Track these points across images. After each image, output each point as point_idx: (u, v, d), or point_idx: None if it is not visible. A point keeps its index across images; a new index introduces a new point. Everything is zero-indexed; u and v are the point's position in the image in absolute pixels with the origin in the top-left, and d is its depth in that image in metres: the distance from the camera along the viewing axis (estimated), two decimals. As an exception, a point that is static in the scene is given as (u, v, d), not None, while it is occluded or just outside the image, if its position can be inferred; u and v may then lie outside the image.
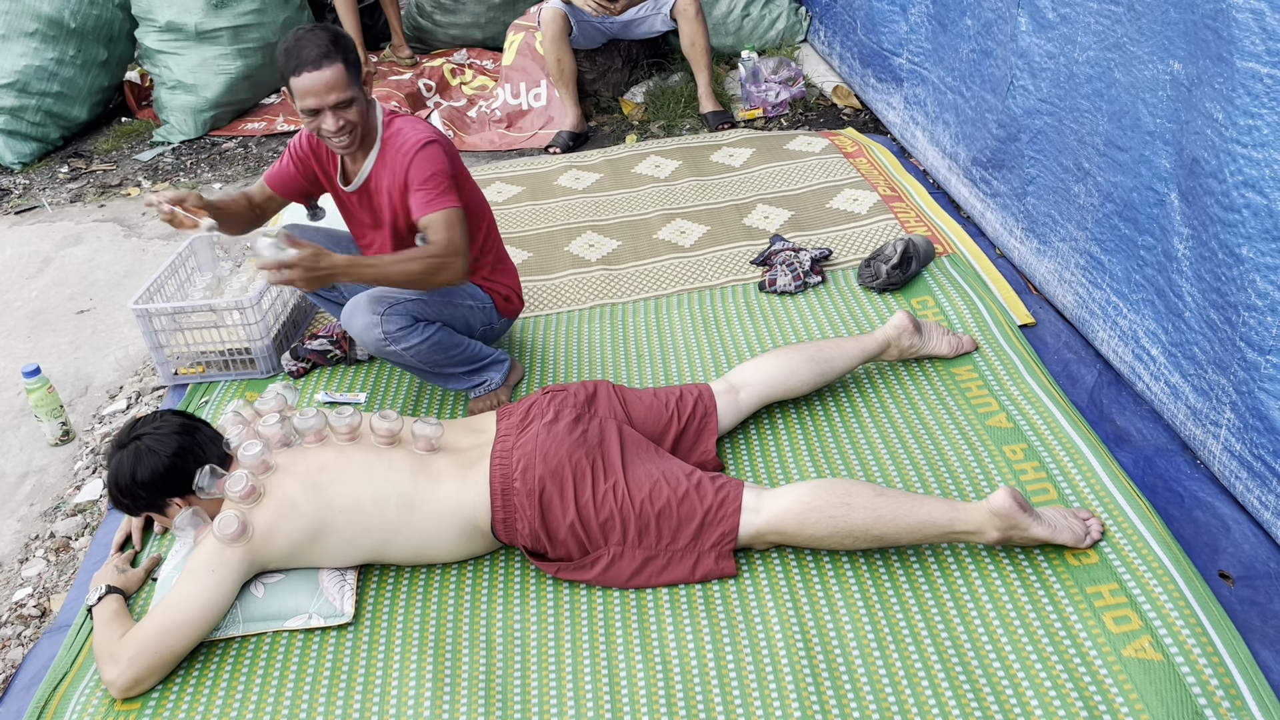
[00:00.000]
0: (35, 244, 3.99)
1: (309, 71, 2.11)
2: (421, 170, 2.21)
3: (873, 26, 3.87)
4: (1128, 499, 1.97)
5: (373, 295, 2.27)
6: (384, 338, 2.25)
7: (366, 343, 2.28)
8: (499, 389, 2.50)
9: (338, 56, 2.12)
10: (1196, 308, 2.02)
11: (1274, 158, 1.70)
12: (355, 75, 2.17)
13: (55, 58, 4.71)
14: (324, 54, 2.10)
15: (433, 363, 2.35)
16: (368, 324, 2.24)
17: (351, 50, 2.16)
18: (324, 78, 2.11)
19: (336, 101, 2.13)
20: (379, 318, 2.24)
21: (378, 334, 2.24)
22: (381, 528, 1.92)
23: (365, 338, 2.26)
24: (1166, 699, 1.59)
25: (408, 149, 2.23)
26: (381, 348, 2.27)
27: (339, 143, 2.21)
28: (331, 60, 2.11)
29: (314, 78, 2.11)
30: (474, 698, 1.75)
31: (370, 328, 2.24)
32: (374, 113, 2.28)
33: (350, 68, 2.15)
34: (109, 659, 1.79)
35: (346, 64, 2.14)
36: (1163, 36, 2.03)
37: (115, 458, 1.94)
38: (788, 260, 2.92)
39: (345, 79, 2.14)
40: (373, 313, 2.24)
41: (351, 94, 2.15)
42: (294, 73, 2.12)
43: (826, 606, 1.84)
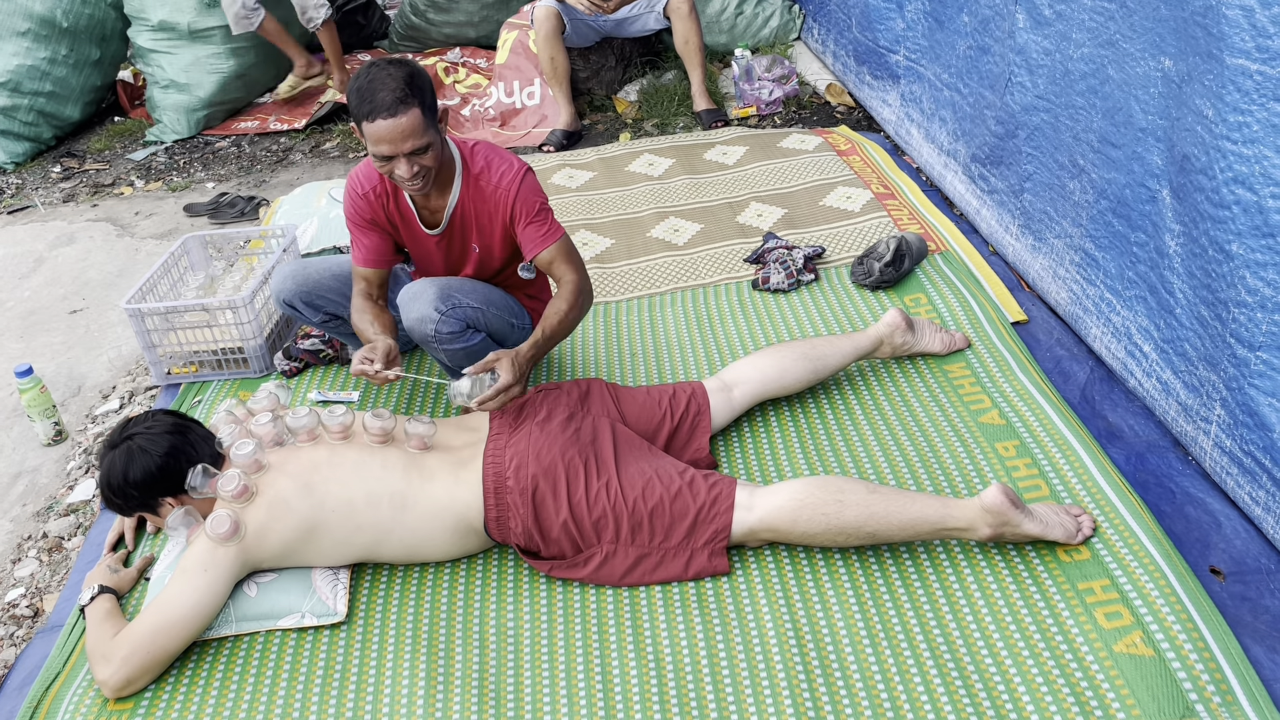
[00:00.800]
0: (28, 244, 3.98)
1: (384, 119, 1.94)
2: (529, 204, 2.15)
3: (869, 24, 3.87)
4: (1119, 495, 1.97)
5: (440, 289, 2.20)
6: (434, 335, 2.20)
7: (416, 332, 2.21)
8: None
9: (414, 101, 1.96)
10: (1187, 304, 2.03)
11: (1264, 154, 1.71)
12: (432, 118, 2.02)
13: (48, 57, 4.70)
14: (400, 99, 1.94)
15: (457, 364, 2.31)
16: (424, 317, 2.18)
17: (428, 90, 2.01)
18: (399, 125, 1.95)
19: (414, 149, 1.99)
20: (440, 316, 2.18)
21: (430, 330, 2.19)
22: (374, 526, 1.91)
23: (418, 328, 2.20)
24: (1158, 694, 1.60)
25: (507, 183, 2.15)
26: (425, 339, 2.22)
27: (412, 186, 2.07)
28: (408, 105, 1.95)
29: (389, 125, 1.95)
30: (467, 696, 1.75)
31: (425, 321, 2.18)
32: (448, 147, 2.16)
33: (427, 111, 1.99)
34: (101, 659, 1.79)
35: (423, 108, 1.98)
36: (1154, 33, 2.04)
37: (107, 457, 1.93)
38: (781, 258, 2.92)
39: (422, 124, 1.98)
40: (435, 309, 2.17)
41: (428, 139, 2.00)
42: (367, 117, 1.95)
43: (819, 603, 1.84)
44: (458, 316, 2.21)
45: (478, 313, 2.26)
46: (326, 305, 2.45)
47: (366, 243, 2.27)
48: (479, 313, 2.26)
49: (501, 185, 2.16)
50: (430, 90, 2.03)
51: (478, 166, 2.18)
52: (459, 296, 2.22)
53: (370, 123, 1.96)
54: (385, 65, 1.99)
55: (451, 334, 2.21)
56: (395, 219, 2.27)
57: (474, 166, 2.19)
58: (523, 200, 2.16)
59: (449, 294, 2.21)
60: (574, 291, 2.16)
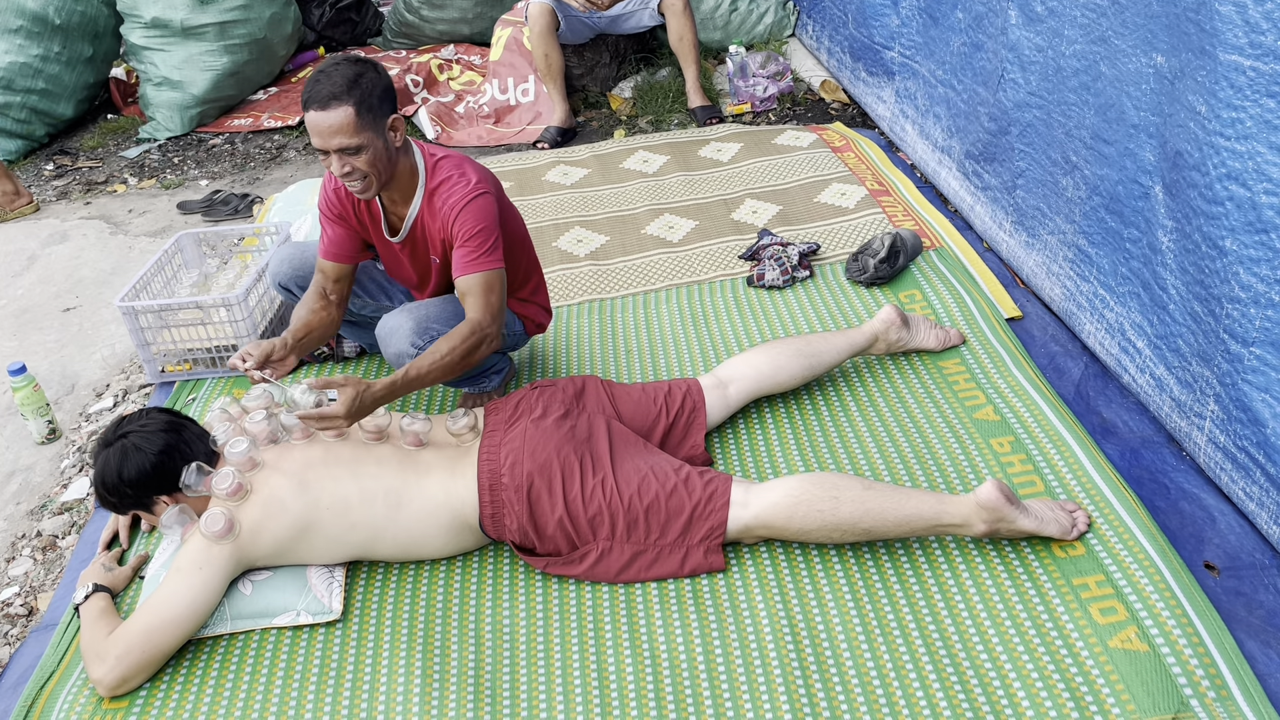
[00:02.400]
0: (20, 241, 3.96)
1: (314, 110, 1.95)
2: (467, 225, 2.08)
3: (864, 20, 3.87)
4: (1114, 491, 1.98)
5: (415, 323, 2.17)
6: None
7: (396, 366, 2.22)
8: (495, 390, 2.49)
9: (348, 100, 1.94)
10: (1181, 300, 2.03)
11: (1257, 150, 1.71)
12: (371, 121, 1.98)
13: (40, 54, 4.69)
14: (334, 95, 1.94)
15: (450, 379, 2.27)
16: (401, 353, 2.18)
17: (375, 94, 1.97)
18: (327, 120, 1.94)
19: (340, 147, 1.97)
20: (417, 351, 2.16)
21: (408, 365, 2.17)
22: (369, 524, 1.91)
23: (396, 364, 2.21)
24: (1152, 689, 1.60)
25: (454, 203, 2.09)
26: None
27: (351, 187, 2.06)
28: (340, 103, 1.93)
29: (317, 118, 1.95)
30: (463, 693, 1.75)
31: (402, 357, 2.18)
32: (410, 156, 2.13)
33: (364, 113, 1.96)
34: (96, 657, 1.78)
35: (359, 108, 1.95)
36: (1145, 30, 2.04)
37: (102, 456, 1.93)
38: (776, 255, 2.92)
39: (353, 124, 1.95)
40: (411, 345, 2.16)
41: (359, 141, 1.97)
42: (304, 106, 1.97)
43: (815, 600, 1.85)
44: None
45: None
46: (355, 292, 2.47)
47: (331, 235, 2.27)
48: None
49: (448, 204, 2.10)
50: (379, 95, 1.99)
51: (436, 181, 2.13)
52: (436, 327, 2.17)
53: (306, 112, 1.97)
54: (342, 61, 1.99)
55: None
56: (365, 219, 2.26)
57: (433, 181, 2.14)
58: (462, 222, 2.08)
59: (424, 326, 2.17)
60: (467, 332, 2.03)
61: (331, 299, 2.29)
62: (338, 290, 2.30)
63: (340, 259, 2.27)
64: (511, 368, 2.58)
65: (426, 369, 2.00)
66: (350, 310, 2.50)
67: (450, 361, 2.02)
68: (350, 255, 2.28)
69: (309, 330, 2.22)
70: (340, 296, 2.31)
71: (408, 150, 2.12)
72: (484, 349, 2.06)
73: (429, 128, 4.46)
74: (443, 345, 2.02)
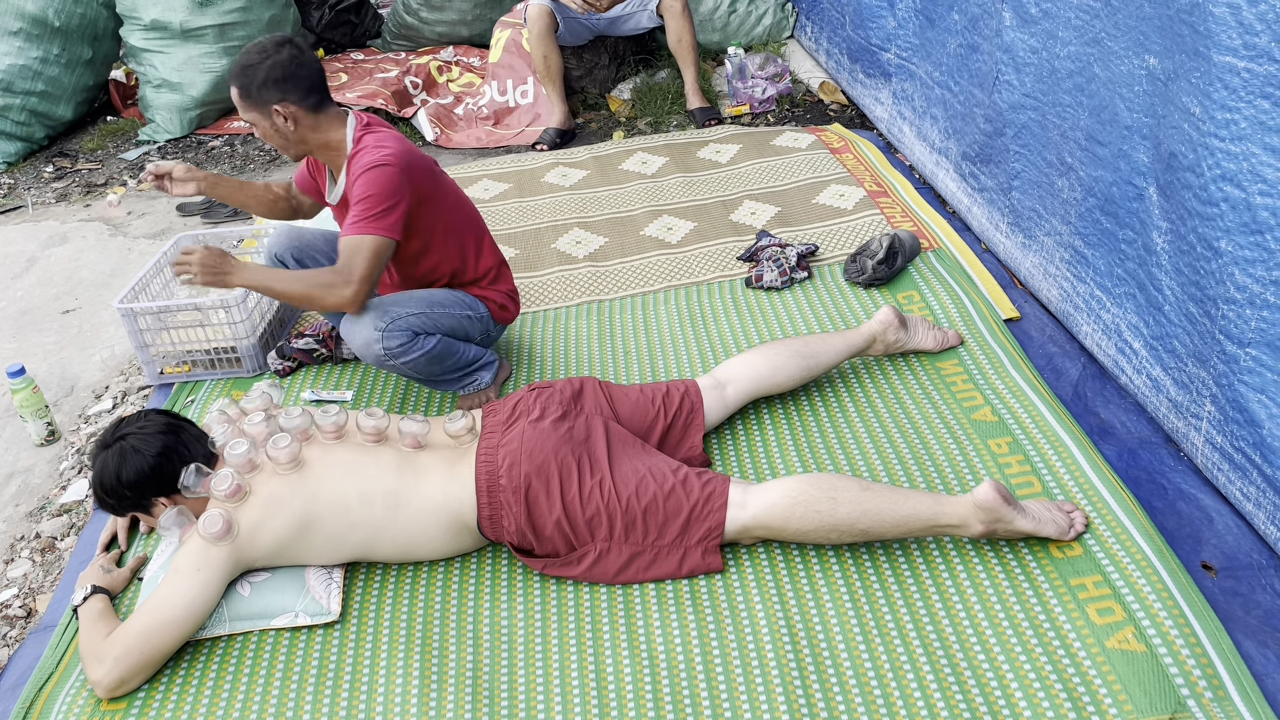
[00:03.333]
0: (20, 244, 3.97)
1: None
2: (359, 191, 2.20)
3: (861, 22, 3.87)
4: (1111, 491, 1.98)
5: (374, 310, 2.25)
6: (385, 354, 2.25)
7: (366, 357, 2.27)
8: (488, 387, 2.51)
9: (235, 81, 2.20)
10: (1176, 301, 2.03)
11: (1251, 152, 1.71)
12: (252, 104, 2.20)
13: (40, 56, 4.69)
14: (232, 73, 2.21)
15: (427, 373, 2.37)
16: (368, 340, 2.23)
17: (254, 80, 2.18)
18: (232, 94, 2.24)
19: (242, 117, 2.24)
20: (380, 334, 2.23)
21: (379, 350, 2.24)
22: (368, 525, 1.91)
23: (366, 353, 2.26)
24: (1150, 689, 1.60)
25: (357, 169, 2.22)
26: (380, 361, 2.27)
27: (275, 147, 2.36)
28: (232, 82, 2.21)
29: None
30: (461, 695, 1.75)
31: (371, 344, 2.24)
32: (341, 130, 2.28)
33: (245, 97, 2.19)
34: (94, 659, 1.79)
35: (242, 92, 2.19)
36: (1138, 31, 2.04)
37: (100, 458, 1.93)
38: (774, 256, 2.92)
39: (241, 104, 2.22)
40: (374, 328, 2.23)
41: (249, 118, 2.23)
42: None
43: (813, 601, 1.85)
44: (399, 328, 2.25)
45: (419, 318, 2.29)
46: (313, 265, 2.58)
47: (300, 171, 2.56)
48: (420, 318, 2.30)
49: (353, 173, 2.24)
50: (260, 84, 2.18)
51: (357, 150, 2.27)
52: (394, 310, 2.26)
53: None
54: (253, 46, 2.22)
55: (402, 346, 2.25)
56: (319, 179, 2.51)
57: (355, 149, 2.27)
58: (358, 187, 2.20)
59: (384, 310, 2.25)
60: (320, 279, 2.18)
61: (285, 196, 2.59)
62: (297, 201, 2.60)
63: (302, 189, 2.58)
64: (505, 366, 2.60)
65: (281, 279, 2.20)
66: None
67: (294, 290, 2.19)
68: (309, 191, 2.57)
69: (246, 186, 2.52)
70: (295, 205, 2.60)
71: (333, 125, 2.28)
72: (329, 300, 2.18)
73: (428, 129, 4.46)
74: (305, 272, 2.22)
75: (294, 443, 1.91)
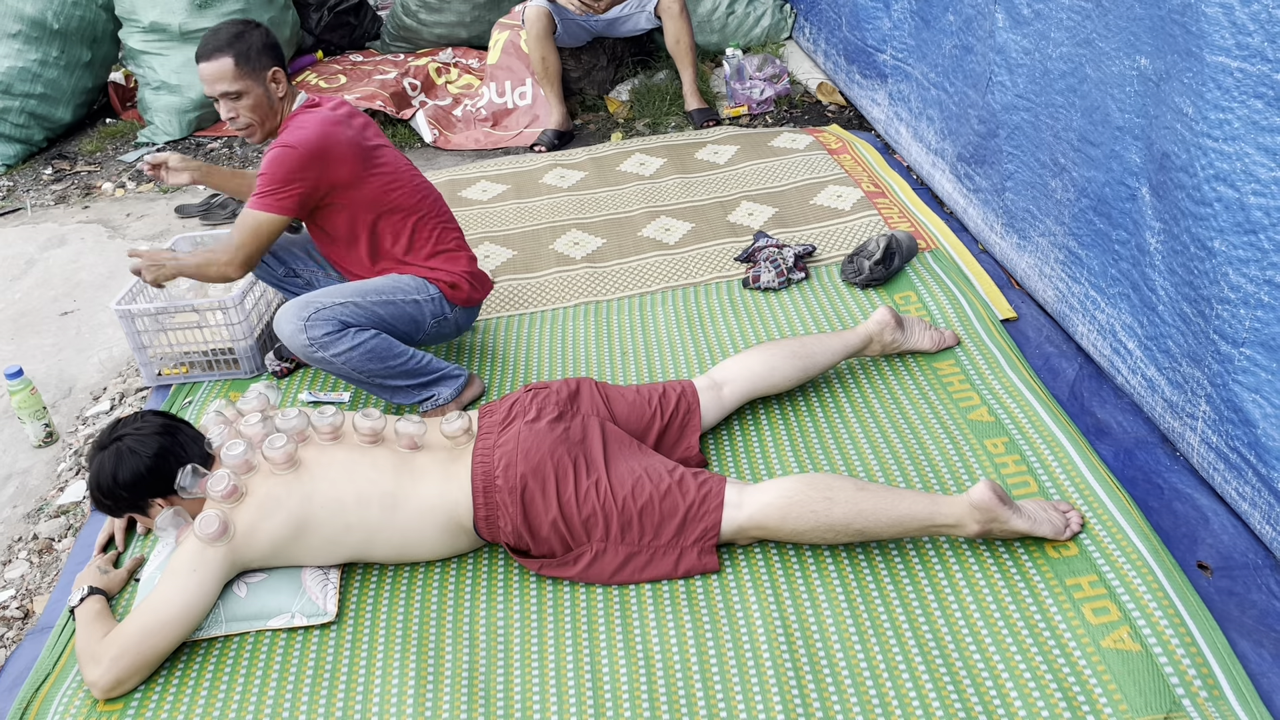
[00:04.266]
0: (19, 246, 3.97)
1: (201, 61, 2.29)
2: (262, 167, 2.31)
3: (857, 23, 3.88)
4: (1107, 491, 1.98)
5: (301, 299, 2.27)
6: (309, 344, 2.23)
7: (294, 349, 2.27)
8: (448, 404, 2.45)
9: (229, 51, 2.26)
10: (1170, 301, 2.03)
11: (1245, 151, 1.72)
12: (249, 69, 2.28)
13: (39, 59, 4.70)
14: (217, 47, 2.27)
15: (369, 373, 2.31)
16: (294, 330, 2.23)
17: (252, 45, 2.27)
18: (210, 69, 2.28)
19: (222, 93, 2.30)
20: (303, 323, 2.22)
21: (303, 340, 2.23)
22: (364, 526, 1.92)
23: (292, 344, 2.25)
24: (1145, 689, 1.60)
25: (270, 146, 2.32)
26: (308, 354, 2.25)
27: (239, 130, 2.37)
28: (221, 54, 2.26)
29: (202, 68, 2.30)
30: (456, 695, 1.75)
31: (295, 333, 2.23)
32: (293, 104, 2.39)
33: (243, 63, 2.27)
34: (91, 660, 1.79)
35: (237, 58, 2.27)
36: (1129, 32, 2.05)
37: (97, 459, 1.93)
38: (771, 257, 2.92)
39: (232, 73, 2.27)
40: (298, 317, 2.23)
41: (238, 88, 2.29)
42: (196, 60, 2.32)
43: (808, 601, 1.85)
44: (324, 318, 2.24)
45: (348, 308, 2.28)
46: (289, 259, 2.69)
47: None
48: (349, 308, 2.28)
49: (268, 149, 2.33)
50: (256, 46, 2.29)
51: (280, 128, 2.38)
52: (319, 300, 2.28)
53: (197, 64, 2.32)
54: (227, 22, 2.32)
55: (328, 335, 2.23)
56: None
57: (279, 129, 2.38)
58: (263, 165, 2.31)
59: (307, 302, 2.28)
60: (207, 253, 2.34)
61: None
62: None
63: None
64: (476, 383, 2.53)
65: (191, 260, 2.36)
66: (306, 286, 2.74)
67: (195, 263, 2.36)
68: None
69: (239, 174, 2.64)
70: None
71: (290, 99, 2.39)
72: (212, 271, 2.34)
73: (426, 131, 4.47)
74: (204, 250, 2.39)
75: (290, 443, 1.92)
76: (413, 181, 2.47)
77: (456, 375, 2.47)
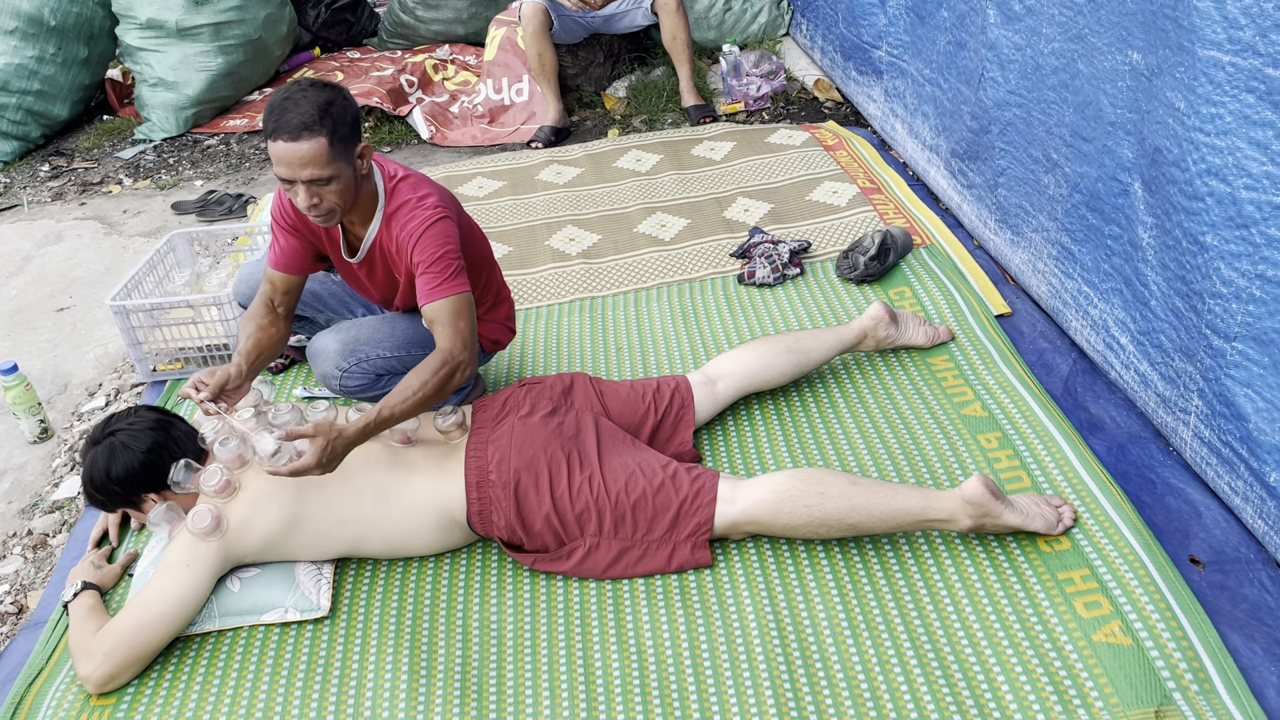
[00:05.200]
0: (15, 242, 3.97)
1: (285, 141, 1.84)
2: (428, 251, 1.98)
3: (853, 19, 3.87)
4: (1100, 486, 1.98)
5: (343, 344, 2.16)
6: (340, 390, 2.21)
7: (324, 384, 2.24)
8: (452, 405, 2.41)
9: (321, 130, 1.84)
10: (1162, 296, 2.04)
11: (1237, 146, 1.72)
12: (342, 149, 1.89)
13: (35, 56, 4.69)
14: (305, 125, 1.83)
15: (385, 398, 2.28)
16: (327, 374, 2.19)
17: (345, 121, 1.89)
18: (299, 151, 1.84)
19: (311, 178, 1.87)
20: (341, 373, 2.17)
21: (335, 385, 2.20)
22: (357, 520, 1.92)
23: (323, 382, 2.22)
24: (1136, 683, 1.61)
25: (412, 229, 2.00)
26: (336, 392, 2.25)
27: (315, 218, 1.96)
28: (313, 134, 1.83)
29: (289, 149, 1.84)
30: (450, 690, 1.76)
31: (329, 378, 2.20)
32: (372, 179, 2.04)
33: (336, 143, 1.87)
34: (84, 654, 1.79)
35: (332, 139, 1.86)
36: (1120, 27, 2.05)
37: (90, 454, 1.94)
38: (766, 253, 2.92)
39: (326, 155, 1.86)
40: (336, 367, 2.17)
41: (331, 172, 1.88)
42: (271, 136, 1.86)
43: (801, 595, 1.85)
44: (362, 370, 2.18)
45: (390, 360, 2.20)
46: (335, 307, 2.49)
47: (284, 245, 2.15)
48: (392, 360, 2.20)
49: (407, 229, 2.01)
50: (348, 122, 1.90)
51: (394, 205, 2.04)
52: (365, 350, 2.15)
53: (273, 142, 1.86)
54: (307, 86, 1.89)
55: (360, 387, 2.21)
56: (322, 236, 2.16)
57: (391, 204, 2.05)
58: (422, 248, 1.99)
59: (353, 349, 2.14)
60: (439, 363, 1.91)
61: (279, 311, 2.17)
62: (286, 303, 2.18)
63: (291, 270, 2.16)
64: (477, 386, 2.51)
65: (399, 406, 1.88)
66: (318, 323, 2.48)
67: (424, 396, 1.90)
68: (302, 267, 2.18)
69: (260, 350, 2.10)
70: (288, 309, 2.20)
71: (371, 172, 2.03)
72: (458, 377, 1.95)
73: (423, 128, 4.47)
74: (413, 380, 1.90)
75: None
76: (476, 227, 2.28)
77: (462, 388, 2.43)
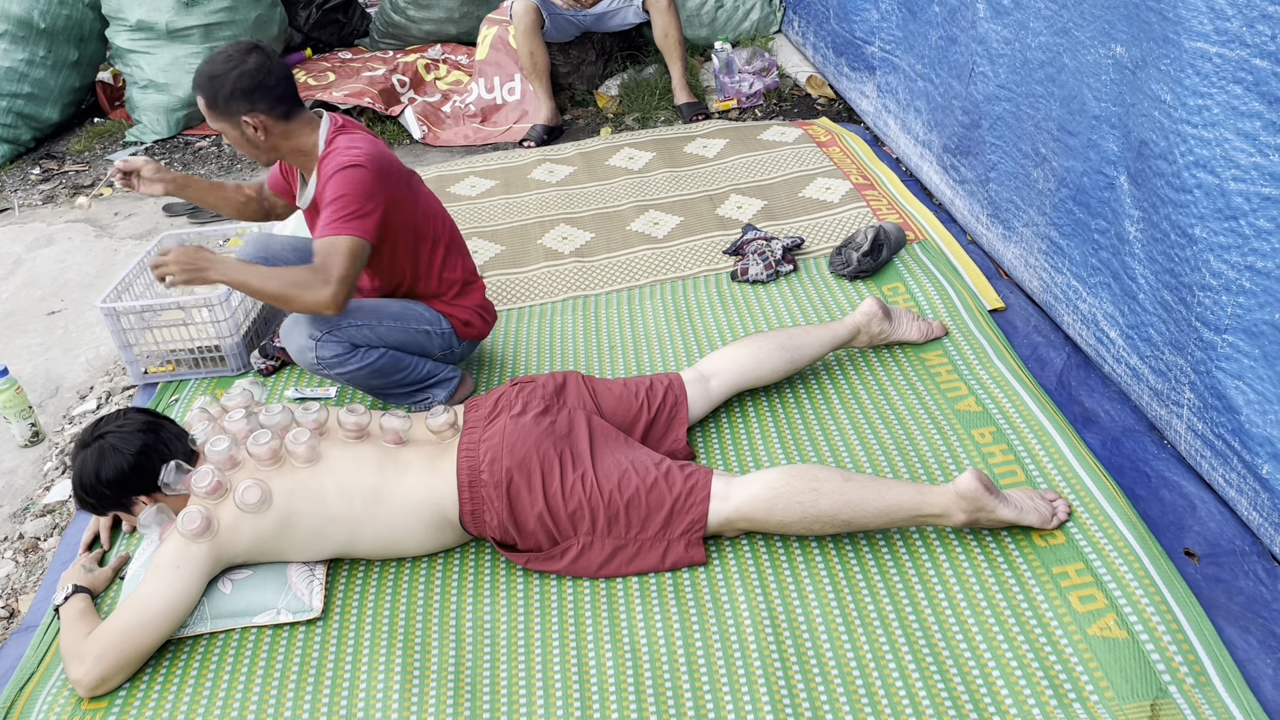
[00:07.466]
0: (6, 245, 3.96)
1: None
2: (332, 191, 2.12)
3: (845, 15, 3.87)
4: (1094, 480, 1.98)
5: (313, 316, 2.20)
6: (318, 363, 2.22)
7: (302, 365, 2.24)
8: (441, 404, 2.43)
9: (202, 94, 2.16)
10: (1150, 289, 2.03)
11: (1224, 137, 1.71)
12: (222, 113, 2.15)
13: (25, 58, 4.68)
14: (197, 84, 2.16)
15: (371, 387, 2.32)
16: (303, 346, 2.20)
17: (221, 93, 2.13)
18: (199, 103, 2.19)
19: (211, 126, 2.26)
20: (314, 342, 2.19)
21: (311, 358, 2.21)
22: (348, 520, 1.91)
23: (300, 360, 2.23)
24: (1131, 676, 1.60)
25: (330, 169, 2.15)
26: (316, 371, 2.25)
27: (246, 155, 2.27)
28: (200, 93, 2.16)
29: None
30: (443, 690, 1.75)
31: (304, 350, 2.21)
32: (314, 134, 2.23)
33: (212, 108, 2.15)
34: (75, 658, 1.78)
35: (210, 102, 2.15)
36: (1103, 20, 2.04)
37: (79, 457, 1.93)
38: (759, 249, 2.92)
39: (209, 113, 2.17)
40: (309, 336, 2.19)
41: (217, 128, 2.19)
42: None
43: (795, 592, 1.85)
44: (336, 339, 2.20)
45: (362, 330, 2.23)
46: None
47: (273, 173, 2.55)
48: (363, 330, 2.24)
49: (324, 172, 2.17)
50: (227, 95, 2.13)
51: (329, 151, 2.21)
52: (336, 318, 2.20)
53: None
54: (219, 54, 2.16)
55: (337, 357, 2.21)
56: (291, 181, 2.50)
57: (327, 150, 2.21)
58: (331, 187, 2.13)
59: (324, 318, 2.19)
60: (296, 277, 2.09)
61: (256, 197, 2.57)
62: (269, 202, 2.58)
63: (276, 190, 2.56)
64: (467, 382, 2.52)
65: (257, 276, 2.11)
66: None
67: (269, 287, 2.10)
68: (281, 192, 2.55)
69: (217, 186, 2.51)
70: (268, 206, 2.59)
71: (305, 130, 2.23)
72: (306, 299, 2.08)
73: (415, 127, 4.46)
74: (281, 270, 2.13)
75: (274, 439, 1.91)
76: (440, 210, 2.41)
77: (451, 377, 2.45)
